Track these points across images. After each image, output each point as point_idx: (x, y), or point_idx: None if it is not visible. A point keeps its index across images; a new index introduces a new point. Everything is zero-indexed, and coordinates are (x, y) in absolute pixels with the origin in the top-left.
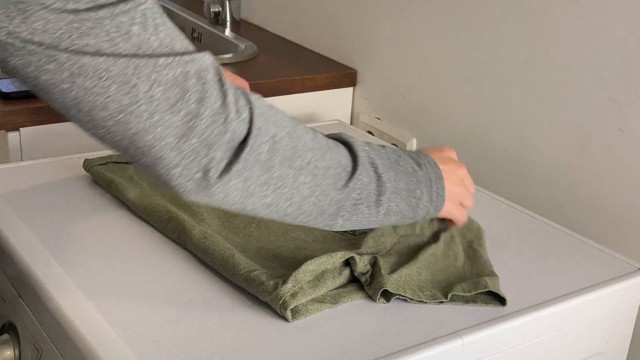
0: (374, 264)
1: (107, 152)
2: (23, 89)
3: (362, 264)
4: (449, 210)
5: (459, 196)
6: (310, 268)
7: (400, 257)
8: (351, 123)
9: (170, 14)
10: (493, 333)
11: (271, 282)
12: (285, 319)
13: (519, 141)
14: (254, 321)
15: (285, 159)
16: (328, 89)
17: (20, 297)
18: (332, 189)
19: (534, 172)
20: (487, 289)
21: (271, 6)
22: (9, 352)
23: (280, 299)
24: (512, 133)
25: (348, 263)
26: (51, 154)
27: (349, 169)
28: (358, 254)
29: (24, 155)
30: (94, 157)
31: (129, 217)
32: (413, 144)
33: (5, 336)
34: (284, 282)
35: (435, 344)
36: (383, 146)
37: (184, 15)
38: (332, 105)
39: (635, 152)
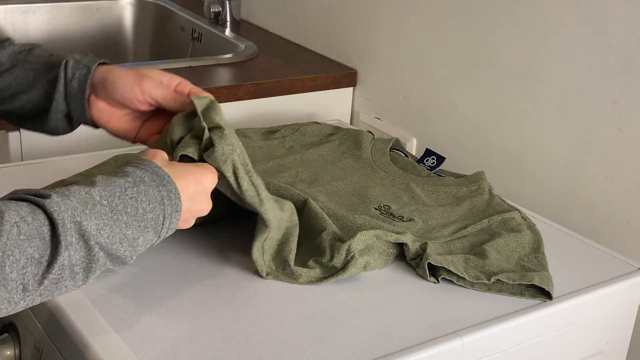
0: (425, 249)
1: (107, 151)
2: None
3: (414, 248)
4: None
5: (196, 213)
6: (363, 237)
7: (452, 248)
8: (351, 123)
9: (170, 14)
10: (493, 333)
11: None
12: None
13: (519, 141)
14: (255, 319)
15: None
16: (328, 89)
17: None
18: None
19: (534, 172)
20: (532, 282)
21: (271, 6)
22: (9, 352)
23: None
24: (512, 133)
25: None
26: (51, 154)
27: (46, 258)
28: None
29: (24, 155)
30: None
31: None
32: (413, 144)
33: (5, 336)
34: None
35: (435, 344)
36: (126, 173)
37: (184, 15)
38: (332, 105)
39: (635, 152)
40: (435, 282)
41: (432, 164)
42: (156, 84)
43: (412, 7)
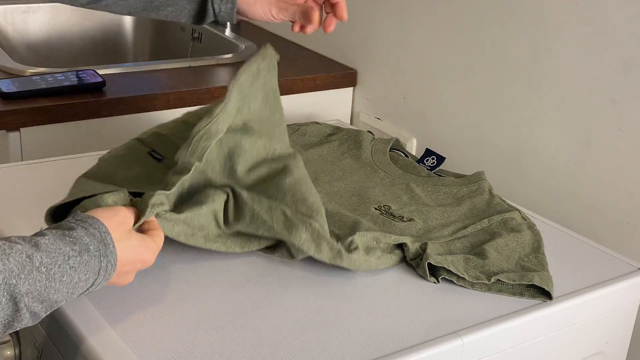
0: (425, 249)
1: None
2: (24, 89)
3: (413, 249)
4: None
5: (116, 284)
6: (362, 239)
7: (453, 248)
8: (351, 123)
9: None
10: (493, 333)
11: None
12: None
13: (519, 141)
14: (255, 320)
15: None
16: (328, 89)
17: None
18: None
19: (534, 172)
20: (532, 282)
21: None
22: (9, 352)
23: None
24: (512, 133)
25: (399, 246)
26: (51, 154)
27: None
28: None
29: (24, 155)
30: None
31: None
32: (413, 144)
33: (6, 336)
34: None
35: (435, 344)
36: (71, 230)
37: None
38: (332, 105)
39: (635, 152)
40: (435, 282)
41: (432, 164)
42: None
43: (412, 7)
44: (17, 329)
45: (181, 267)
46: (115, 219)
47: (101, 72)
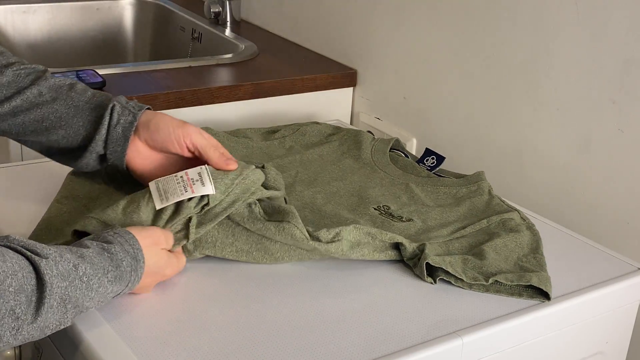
0: (422, 250)
1: None
2: None
3: (410, 249)
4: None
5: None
6: (355, 232)
7: (451, 248)
8: (351, 123)
9: (170, 14)
10: (493, 333)
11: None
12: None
13: (519, 141)
14: (256, 320)
15: None
16: (328, 89)
17: None
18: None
19: (534, 172)
20: (530, 283)
21: (271, 6)
22: (9, 352)
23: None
24: (512, 133)
25: (396, 246)
26: None
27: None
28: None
29: (24, 155)
30: None
31: None
32: (413, 144)
33: None
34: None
35: (435, 344)
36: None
37: (184, 15)
38: (332, 105)
39: (635, 152)
40: (432, 283)
41: (432, 164)
42: (198, 131)
43: (412, 7)
44: (54, 331)
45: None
46: (149, 239)
47: (101, 72)
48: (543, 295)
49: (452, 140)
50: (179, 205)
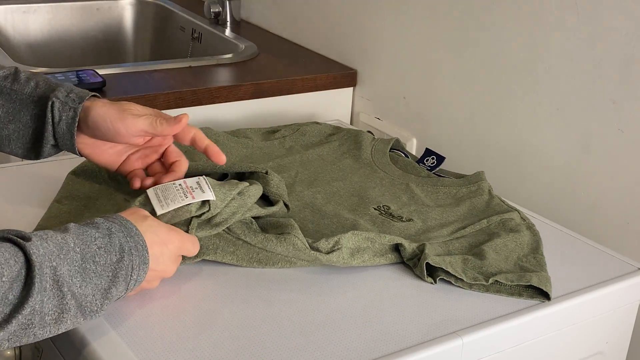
0: (422, 250)
1: None
2: None
3: (410, 249)
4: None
5: (161, 274)
6: (355, 238)
7: (451, 248)
8: (351, 123)
9: (170, 14)
10: (493, 333)
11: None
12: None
13: (519, 141)
14: (256, 321)
15: None
16: (328, 89)
17: None
18: None
19: (534, 172)
20: (530, 283)
21: (271, 6)
22: (9, 352)
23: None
24: (512, 133)
25: (396, 248)
26: None
27: (17, 292)
28: (407, 239)
29: None
30: None
31: None
32: (413, 144)
33: None
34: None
35: (435, 344)
36: (96, 225)
37: (184, 15)
38: (332, 105)
39: (635, 152)
40: (432, 283)
41: (432, 163)
42: (136, 114)
43: (412, 7)
44: (68, 327)
45: (182, 269)
46: (132, 214)
47: (101, 72)
48: (543, 295)
49: (452, 140)
50: (178, 210)
